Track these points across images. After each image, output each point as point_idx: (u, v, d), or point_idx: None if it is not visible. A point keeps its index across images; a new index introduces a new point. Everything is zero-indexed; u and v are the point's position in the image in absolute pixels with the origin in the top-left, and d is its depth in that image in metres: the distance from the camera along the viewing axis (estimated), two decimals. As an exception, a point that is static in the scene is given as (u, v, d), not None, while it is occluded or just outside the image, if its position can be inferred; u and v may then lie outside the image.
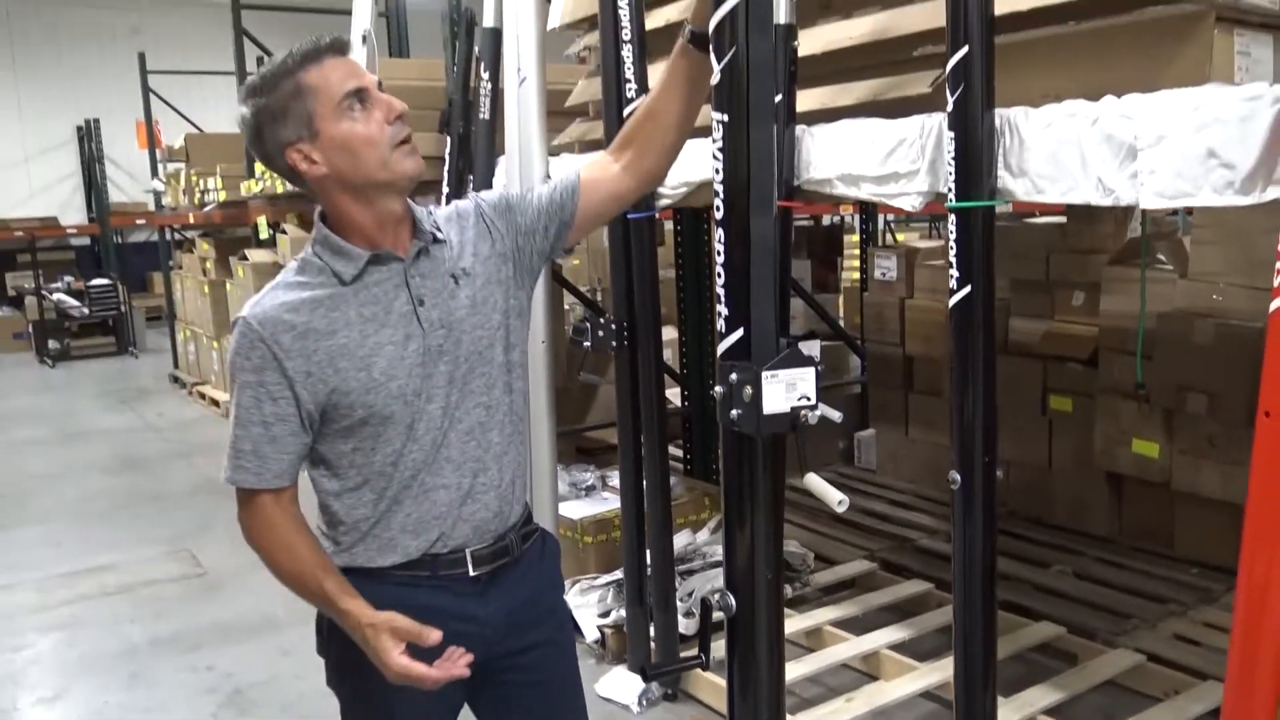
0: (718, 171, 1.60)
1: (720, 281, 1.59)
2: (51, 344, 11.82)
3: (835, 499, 1.59)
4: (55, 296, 12.17)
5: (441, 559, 1.60)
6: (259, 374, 1.51)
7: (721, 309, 1.58)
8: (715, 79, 1.59)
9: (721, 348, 1.57)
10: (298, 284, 1.55)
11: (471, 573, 1.62)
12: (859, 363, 5.33)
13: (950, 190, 1.99)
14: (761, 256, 1.51)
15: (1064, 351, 4.12)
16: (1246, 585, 1.62)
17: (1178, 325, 3.63)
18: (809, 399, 1.50)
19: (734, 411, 1.54)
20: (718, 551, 3.63)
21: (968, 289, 2.01)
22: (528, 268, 1.70)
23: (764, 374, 1.48)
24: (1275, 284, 1.55)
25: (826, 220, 8.68)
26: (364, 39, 4.19)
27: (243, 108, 1.53)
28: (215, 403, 8.37)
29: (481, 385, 1.61)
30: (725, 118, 1.58)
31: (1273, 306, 1.56)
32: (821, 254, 7.47)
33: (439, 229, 1.62)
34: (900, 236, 7.93)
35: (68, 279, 12.76)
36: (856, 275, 6.84)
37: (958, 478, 2.04)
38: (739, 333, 1.54)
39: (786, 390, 1.49)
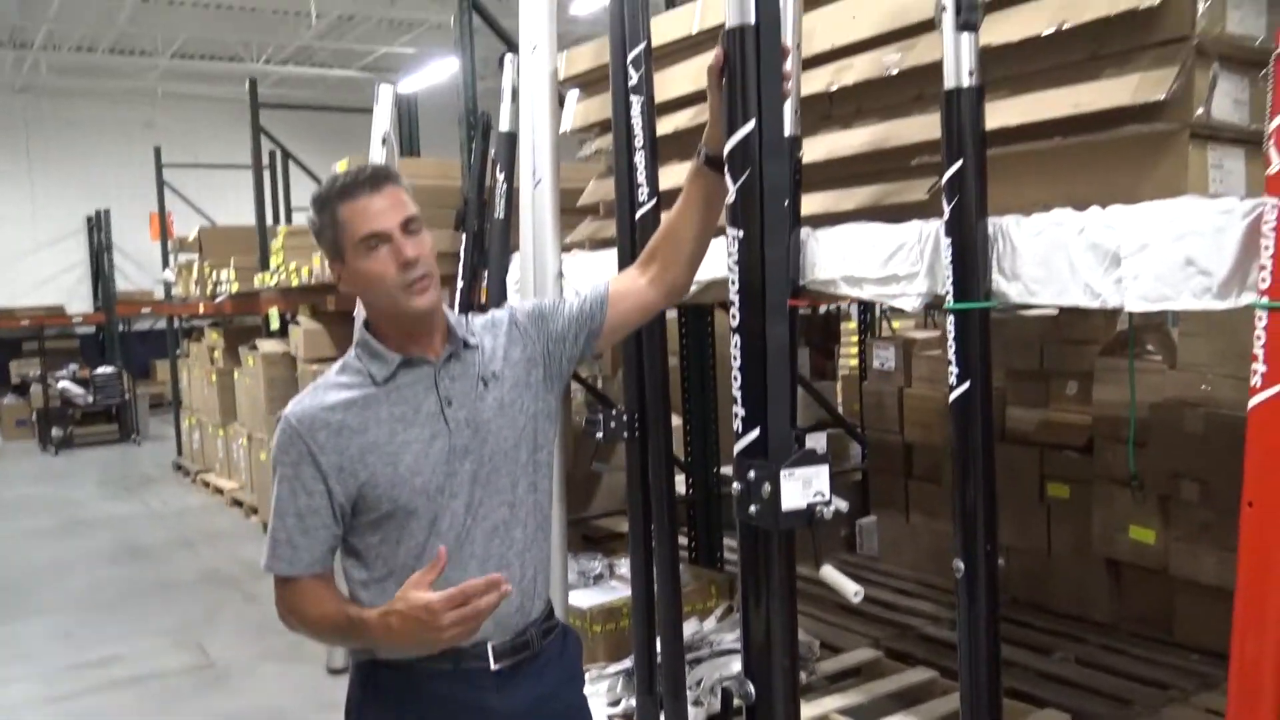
0: (733, 282, 1.73)
1: (737, 384, 1.70)
2: (55, 431, 11.90)
3: (851, 590, 1.68)
4: (60, 384, 12.29)
5: (464, 652, 1.66)
6: (296, 468, 1.63)
7: (739, 409, 1.69)
8: (730, 198, 1.72)
9: (739, 446, 1.67)
10: (338, 384, 1.68)
11: (493, 666, 1.68)
12: (859, 450, 5.43)
13: (948, 292, 2.12)
14: (777, 361, 1.63)
15: (1060, 439, 4.22)
16: (1238, 670, 1.70)
17: (1169, 414, 3.74)
18: (824, 495, 1.60)
19: (752, 507, 1.64)
20: (725, 640, 3.68)
21: (967, 384, 2.12)
22: (557, 372, 1.82)
23: (782, 472, 1.58)
24: (1253, 382, 1.67)
25: (824, 309, 8.85)
26: (384, 140, 4.38)
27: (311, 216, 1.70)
28: (219, 491, 8.42)
29: (506, 484, 1.71)
30: (740, 233, 1.71)
31: (1252, 403, 1.67)
32: (819, 342, 7.62)
33: (472, 334, 1.74)
34: (896, 324, 8.08)
35: (73, 367, 12.90)
36: (854, 363, 6.98)
37: (961, 566, 2.12)
38: (756, 432, 1.65)
39: (803, 487, 1.59)
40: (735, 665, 3.40)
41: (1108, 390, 4.00)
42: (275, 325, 7.18)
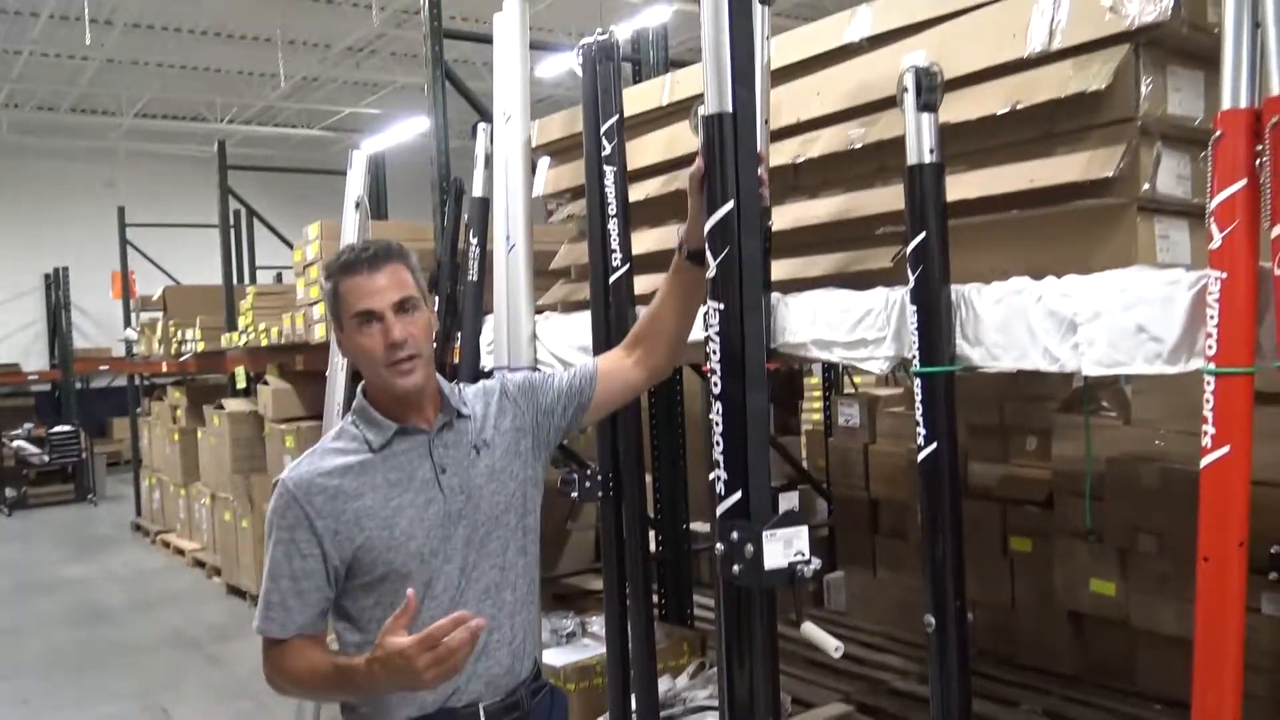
0: (714, 351, 1.81)
1: (718, 448, 1.78)
2: (9, 491, 11.68)
3: (832, 646, 1.74)
4: (15, 443, 12.08)
5: (456, 713, 1.71)
6: (291, 532, 1.67)
7: (721, 473, 1.77)
8: (711, 272, 1.82)
9: (721, 508, 1.75)
10: (334, 450, 1.73)
11: None
12: (825, 506, 5.51)
13: (915, 356, 2.21)
14: (757, 427, 1.71)
15: (1021, 494, 4.32)
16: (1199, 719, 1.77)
17: (1125, 469, 3.86)
18: (804, 554, 1.67)
19: (736, 567, 1.71)
20: (698, 697, 3.70)
21: (934, 445, 2.20)
22: (545, 442, 1.89)
23: (764, 533, 1.65)
24: (1204, 443, 1.77)
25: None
26: (357, 205, 4.45)
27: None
28: (180, 551, 8.31)
29: (497, 548, 1.77)
30: (721, 306, 1.80)
31: (1204, 463, 1.77)
32: (783, 398, 7.74)
33: (464, 403, 1.81)
34: (858, 380, 8.21)
35: (28, 426, 12.70)
36: (818, 418, 7.09)
37: (932, 621, 2.19)
38: (738, 494, 1.73)
39: (784, 547, 1.66)
40: (709, 722, 3.43)
41: (1066, 446, 4.12)
42: (242, 384, 7.16)
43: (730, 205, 1.82)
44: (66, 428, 12.44)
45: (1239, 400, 1.71)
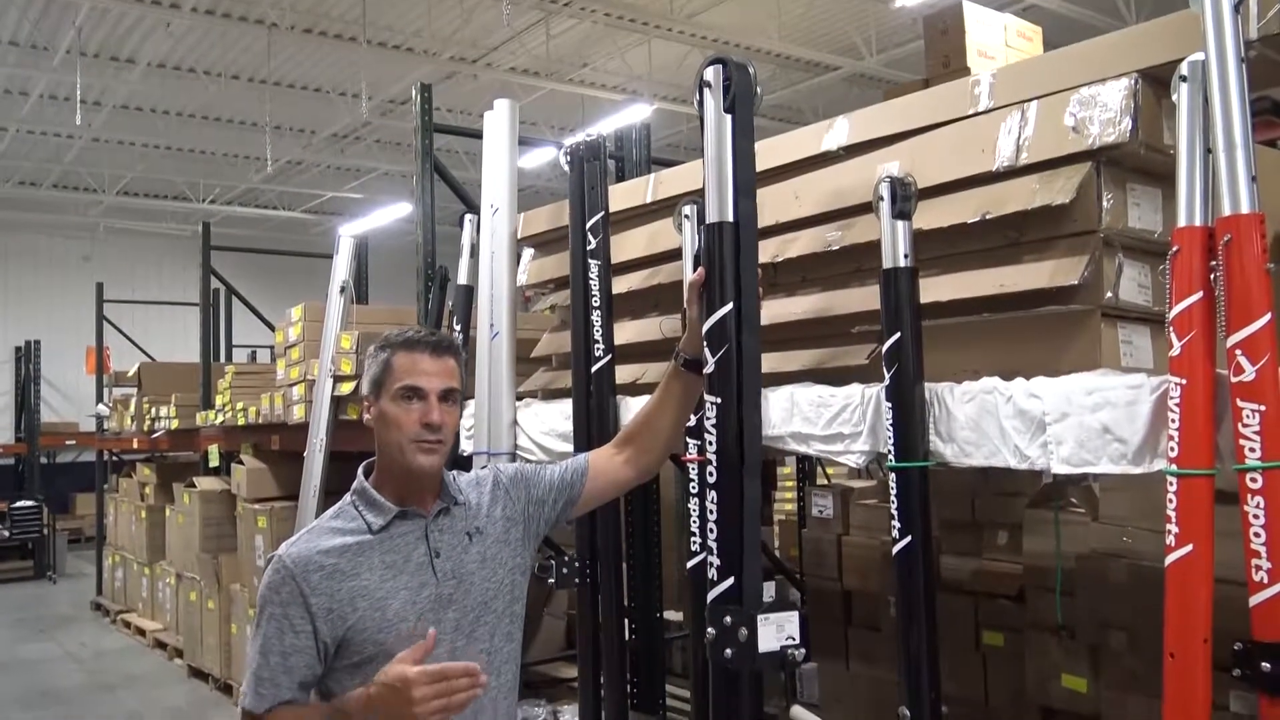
0: (711, 443, 1.89)
1: (712, 535, 1.84)
2: (-35, 568, 11.42)
3: (820, 729, 1.78)
4: (-25, 518, 11.85)
5: None
6: (285, 608, 1.71)
7: (714, 559, 1.82)
8: (709, 369, 1.91)
9: (712, 594, 1.80)
10: (332, 529, 1.78)
11: None
12: (798, 596, 5.51)
13: (890, 451, 2.28)
14: (751, 516, 1.79)
15: (993, 588, 4.36)
16: (1169, 815, 1.81)
17: (1094, 565, 3.91)
18: (794, 639, 1.73)
19: (728, 650, 1.76)
20: (671, 789, 3.67)
21: (909, 538, 2.26)
22: (534, 532, 1.95)
23: (758, 617, 1.72)
24: (1168, 542, 1.84)
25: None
26: (342, 289, 4.52)
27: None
28: (141, 632, 8.14)
29: (485, 633, 1.81)
30: (719, 400, 1.89)
31: (1168, 561, 1.84)
32: (758, 488, 7.77)
33: (460, 491, 1.86)
34: (830, 470, 8.28)
35: (-11, 500, 12.47)
36: (791, 508, 7.13)
37: (907, 714, 2.22)
38: (730, 581, 1.79)
39: (776, 631, 1.72)
40: (682, 817, 3.39)
41: (1036, 541, 4.17)
42: (215, 462, 7.12)
43: (730, 306, 1.93)
44: (29, 502, 12.22)
45: (1200, 500, 1.79)
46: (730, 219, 2.01)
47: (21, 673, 7.28)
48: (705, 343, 1.96)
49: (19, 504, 12.15)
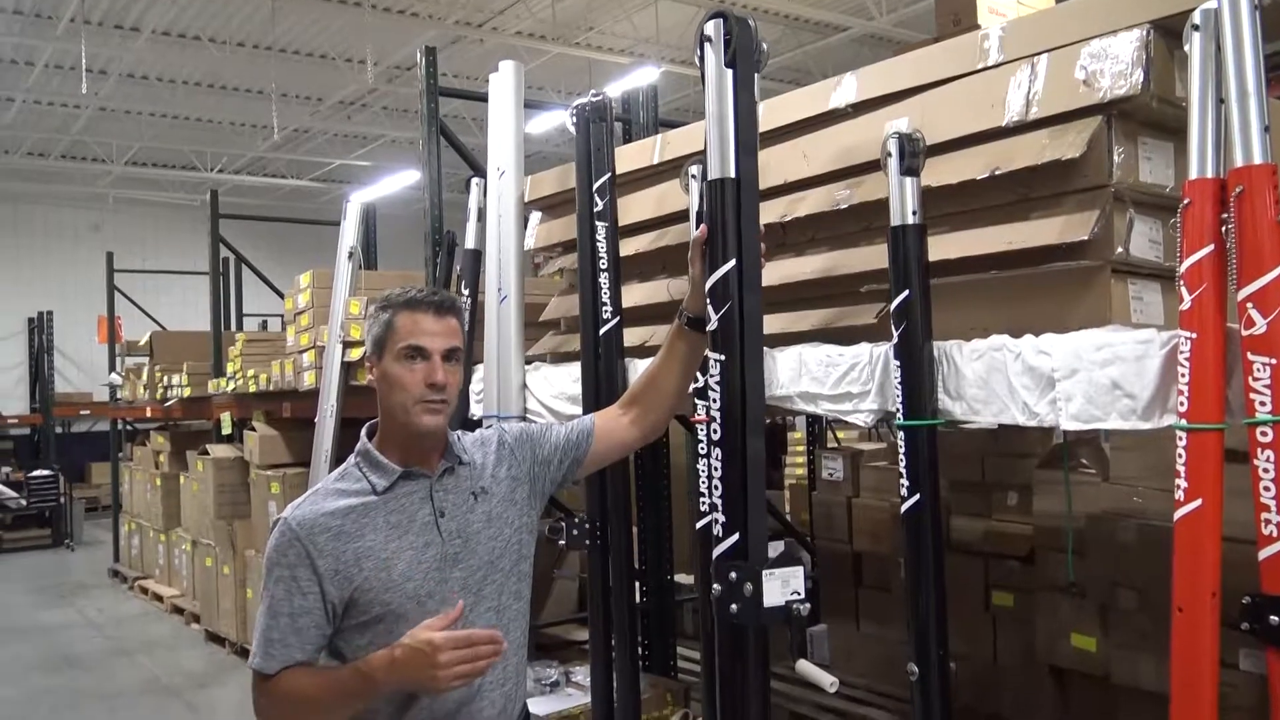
0: (715, 400, 1.88)
1: (718, 493, 1.84)
2: (-16, 536, 11.56)
3: (827, 682, 1.80)
4: (-7, 487, 11.98)
5: None
6: (292, 570, 1.71)
7: (719, 516, 1.83)
8: (712, 325, 1.90)
9: (718, 550, 1.81)
10: (337, 491, 1.78)
11: None
12: (808, 559, 5.54)
13: (899, 410, 2.28)
14: (755, 472, 1.79)
15: (1003, 549, 4.37)
16: (1176, 768, 1.81)
17: (1104, 526, 3.91)
18: (799, 594, 1.74)
19: (734, 606, 1.77)
20: (682, 748, 3.70)
21: (917, 496, 2.26)
22: (540, 492, 1.96)
23: (763, 572, 1.72)
24: (1177, 496, 1.84)
25: (769, 419, 9.05)
26: (350, 254, 4.52)
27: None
28: (159, 598, 8.24)
29: (492, 592, 1.81)
30: (722, 357, 1.88)
31: (1177, 516, 1.84)
32: (767, 452, 7.78)
33: (465, 451, 1.86)
34: (841, 434, 8.28)
35: (5, 469, 12.60)
36: (801, 472, 7.14)
37: (916, 670, 2.23)
38: (735, 537, 1.79)
39: (782, 585, 1.73)
40: (693, 774, 3.43)
41: (1046, 501, 4.17)
42: (228, 430, 7.16)
43: (731, 264, 1.91)
44: (45, 472, 12.34)
45: (1210, 455, 1.78)
46: (732, 175, 1.98)
47: (42, 638, 7.38)
48: (708, 300, 1.95)
49: (36, 473, 12.28)
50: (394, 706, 1.74)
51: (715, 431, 1.90)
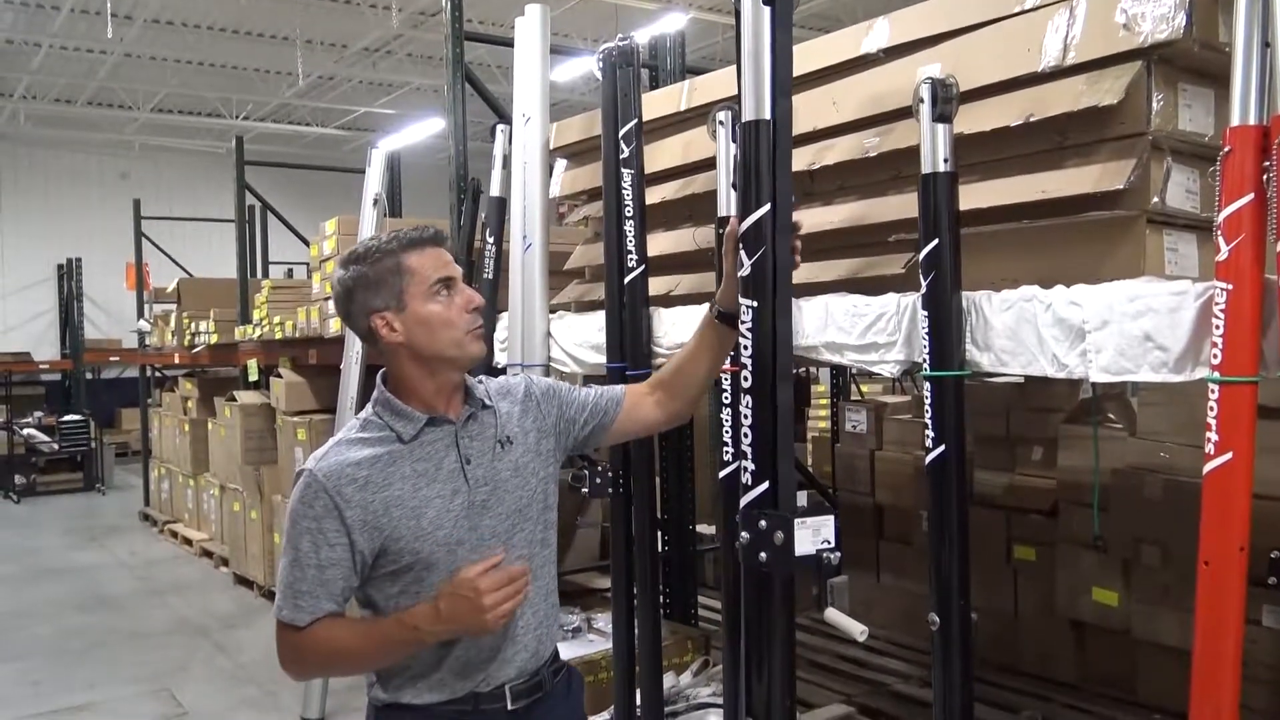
0: (746, 347, 1.88)
1: (747, 440, 1.85)
2: (18, 479, 11.76)
3: (857, 630, 1.81)
4: (25, 431, 12.17)
5: (483, 696, 1.76)
6: (319, 521, 1.69)
7: (748, 464, 1.84)
8: (745, 271, 1.88)
9: (746, 499, 1.82)
10: (359, 440, 1.76)
11: (509, 707, 1.78)
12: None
13: (925, 361, 2.26)
14: (785, 420, 1.80)
15: (1026, 503, 4.36)
16: (1197, 721, 1.81)
17: (1130, 481, 3.89)
18: (830, 543, 1.74)
19: (763, 554, 1.78)
20: (701, 694, 3.75)
21: (942, 448, 2.25)
22: (563, 447, 1.97)
23: (795, 521, 1.72)
24: (1207, 449, 1.81)
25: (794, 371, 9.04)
26: (375, 202, 4.51)
27: (340, 270, 1.78)
28: (188, 541, 8.38)
29: (522, 540, 1.82)
30: (755, 304, 1.88)
31: (1207, 469, 1.81)
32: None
33: (489, 397, 1.85)
34: (865, 389, 8.26)
35: (38, 414, 12.78)
36: (824, 425, 7.13)
37: (937, 619, 2.23)
38: (765, 485, 1.80)
39: (813, 534, 1.74)
40: (712, 718, 3.47)
41: (1071, 456, 4.16)
42: (254, 377, 7.22)
43: (766, 209, 1.90)
44: (76, 417, 12.53)
45: (1242, 408, 1.76)
46: (767, 117, 1.95)
47: (76, 578, 7.54)
48: (741, 246, 1.93)
49: (67, 418, 12.46)
50: (432, 655, 1.75)
51: (746, 379, 1.89)
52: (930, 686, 2.33)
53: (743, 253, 1.91)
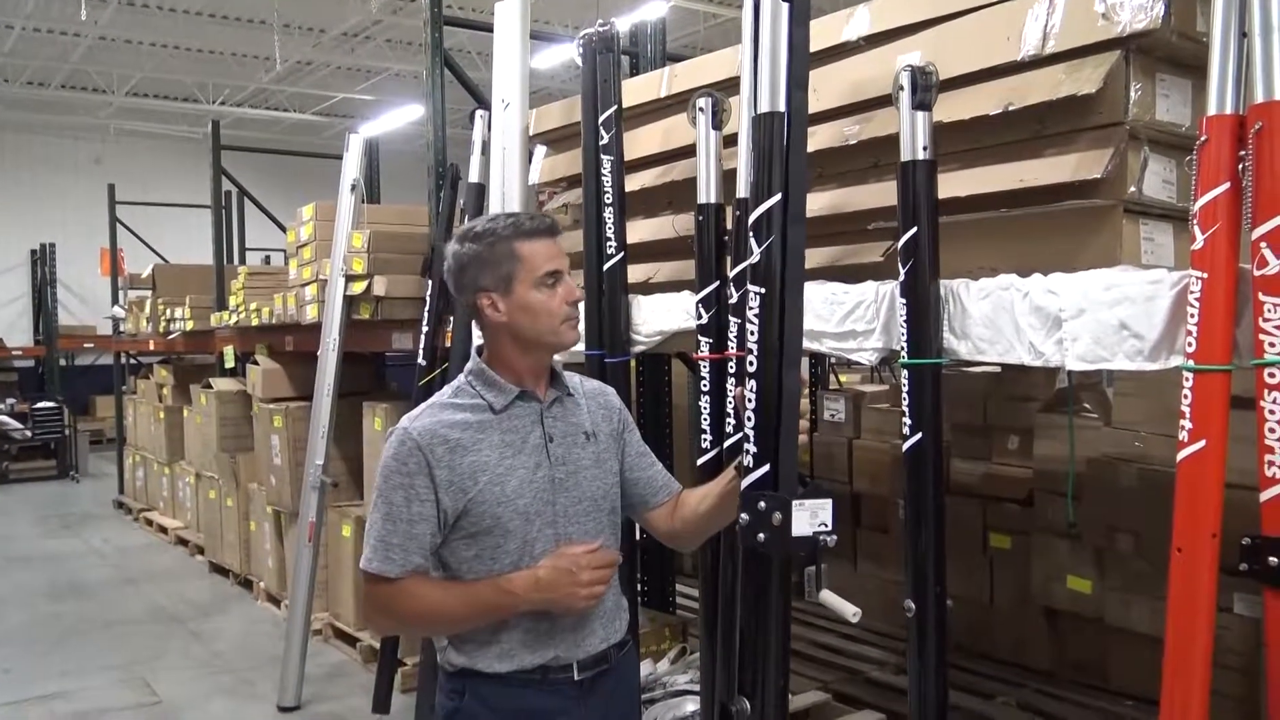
0: (753, 333, 1.91)
1: (750, 424, 1.89)
2: (-10, 466, 11.64)
3: (850, 611, 1.83)
4: (-2, 418, 12.03)
5: (551, 668, 1.84)
6: (411, 478, 1.77)
7: (750, 447, 1.88)
8: (755, 258, 1.91)
9: (747, 480, 1.87)
10: (452, 405, 1.84)
11: (576, 678, 1.85)
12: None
13: (903, 348, 2.26)
14: (790, 404, 1.85)
15: (1002, 492, 4.39)
16: (1168, 708, 1.83)
17: (1105, 470, 3.93)
18: (827, 525, 1.79)
19: (760, 535, 1.82)
20: (679, 681, 3.76)
21: (919, 435, 2.26)
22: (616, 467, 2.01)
23: (794, 503, 1.76)
24: (1181, 437, 1.83)
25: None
26: (353, 188, 4.48)
27: (456, 245, 1.86)
28: (163, 529, 8.31)
29: (592, 526, 1.89)
30: (763, 290, 1.91)
31: (1180, 455, 1.83)
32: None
33: (578, 389, 1.95)
34: (844, 378, 8.29)
35: (10, 401, 12.63)
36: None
37: (913, 606, 2.25)
38: (765, 468, 1.85)
39: (810, 517, 1.77)
40: (689, 706, 3.48)
41: (1047, 445, 4.19)
42: (230, 363, 7.16)
43: (778, 198, 1.93)
44: (50, 404, 12.39)
45: (1216, 396, 1.77)
46: (782, 109, 1.99)
47: (48, 566, 7.47)
48: (750, 233, 1.97)
49: (41, 405, 12.32)
50: (511, 627, 1.81)
51: (751, 363, 1.94)
52: (906, 673, 2.35)
53: (752, 240, 1.95)
